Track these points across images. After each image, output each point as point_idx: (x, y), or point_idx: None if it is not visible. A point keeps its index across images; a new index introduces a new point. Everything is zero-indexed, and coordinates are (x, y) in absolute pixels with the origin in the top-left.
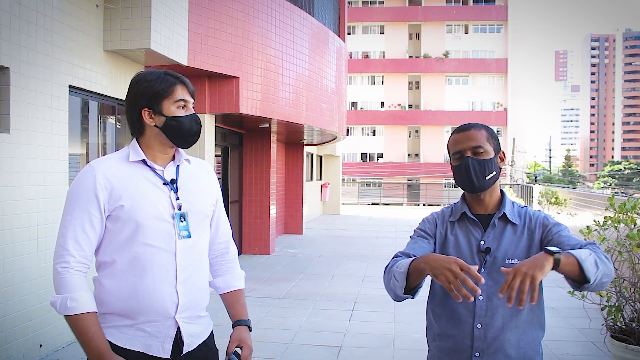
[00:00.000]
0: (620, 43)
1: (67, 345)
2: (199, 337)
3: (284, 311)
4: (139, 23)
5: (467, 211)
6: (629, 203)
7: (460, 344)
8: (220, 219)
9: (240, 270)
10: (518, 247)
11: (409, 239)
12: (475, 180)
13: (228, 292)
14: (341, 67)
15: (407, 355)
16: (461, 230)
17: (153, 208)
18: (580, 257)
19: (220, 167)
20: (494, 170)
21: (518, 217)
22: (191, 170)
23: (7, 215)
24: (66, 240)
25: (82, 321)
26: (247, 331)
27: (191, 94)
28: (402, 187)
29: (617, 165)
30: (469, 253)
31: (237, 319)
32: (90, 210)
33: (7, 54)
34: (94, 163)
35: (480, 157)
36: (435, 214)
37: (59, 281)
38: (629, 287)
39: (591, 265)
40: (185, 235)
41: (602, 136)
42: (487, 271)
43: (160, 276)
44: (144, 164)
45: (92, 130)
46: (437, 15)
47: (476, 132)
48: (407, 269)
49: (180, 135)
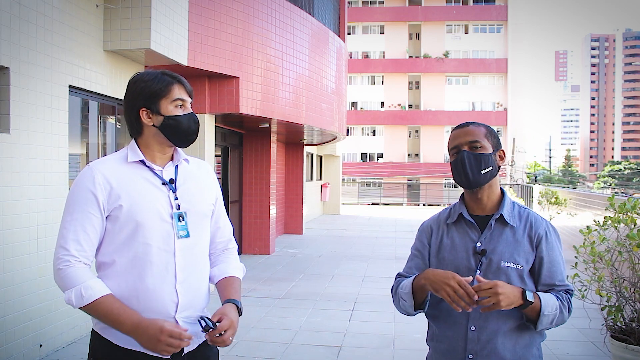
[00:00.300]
0: (620, 43)
1: (67, 345)
2: (199, 337)
3: (284, 311)
4: (139, 23)
5: (465, 212)
6: (629, 203)
7: (454, 345)
8: (220, 219)
9: (239, 263)
10: (516, 251)
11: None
12: (470, 174)
13: (222, 278)
14: (341, 67)
15: (407, 355)
16: (458, 232)
17: (152, 208)
18: (543, 312)
19: (220, 167)
20: (491, 165)
21: (518, 219)
22: (190, 170)
23: (7, 215)
24: (67, 241)
25: (103, 304)
26: (234, 308)
27: (189, 94)
28: (402, 187)
29: (617, 165)
30: (465, 255)
31: (227, 299)
32: (90, 210)
33: (7, 54)
34: (93, 164)
35: (476, 152)
36: (431, 220)
37: (64, 277)
38: (629, 287)
39: (546, 321)
40: (184, 235)
41: (602, 136)
42: (482, 273)
43: (159, 276)
44: (143, 164)
45: (92, 130)
46: (437, 15)
47: (474, 128)
48: (410, 289)
49: (178, 134)
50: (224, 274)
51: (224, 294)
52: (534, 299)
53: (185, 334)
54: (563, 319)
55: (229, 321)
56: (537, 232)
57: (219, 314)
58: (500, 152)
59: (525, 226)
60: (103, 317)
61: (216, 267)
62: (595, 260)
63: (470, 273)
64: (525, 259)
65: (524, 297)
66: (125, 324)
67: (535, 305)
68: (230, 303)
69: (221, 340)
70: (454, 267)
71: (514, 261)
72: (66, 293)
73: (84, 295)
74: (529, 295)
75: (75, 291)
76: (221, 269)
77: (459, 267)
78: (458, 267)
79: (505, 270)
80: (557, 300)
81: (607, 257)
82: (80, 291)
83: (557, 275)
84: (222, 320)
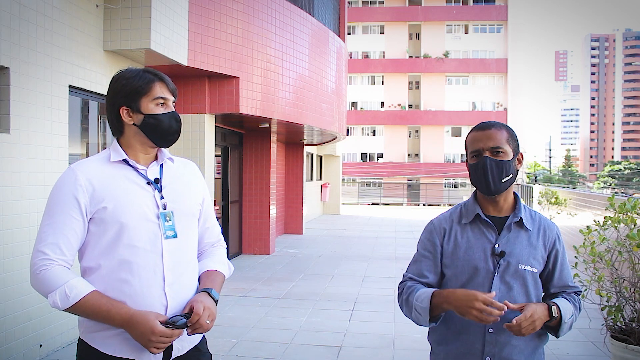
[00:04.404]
0: (620, 43)
1: (67, 345)
2: (189, 342)
3: (284, 311)
4: (139, 23)
5: (481, 213)
6: (629, 203)
7: (471, 347)
8: (208, 219)
9: (225, 259)
10: (532, 254)
11: (415, 252)
12: (492, 183)
13: (202, 273)
14: (341, 67)
15: (407, 355)
16: (474, 233)
17: (137, 208)
18: (564, 320)
19: (220, 167)
20: (511, 173)
21: (532, 222)
22: (175, 169)
23: (7, 215)
24: (45, 245)
25: (90, 301)
26: (204, 294)
27: (171, 92)
28: (402, 187)
29: (617, 165)
30: (482, 256)
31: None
32: (71, 213)
33: (7, 54)
34: (74, 165)
35: (498, 158)
36: (442, 219)
37: (44, 280)
38: (629, 287)
39: (567, 328)
40: (171, 235)
41: (602, 136)
42: (499, 275)
43: (147, 278)
44: (126, 164)
45: (92, 130)
46: (437, 15)
47: (497, 132)
48: (428, 305)
49: (159, 133)
50: (204, 269)
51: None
52: (556, 313)
53: (176, 332)
54: (576, 317)
55: (200, 305)
56: (550, 237)
57: (188, 305)
58: (519, 156)
59: (539, 230)
60: (92, 315)
61: (200, 262)
62: (595, 260)
63: (489, 274)
64: (538, 262)
65: (550, 313)
66: (116, 319)
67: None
68: (201, 292)
69: (199, 326)
70: (471, 268)
71: (531, 264)
72: (50, 296)
73: (69, 295)
74: (554, 311)
75: (59, 292)
76: (203, 264)
77: (477, 268)
78: (476, 268)
79: (523, 273)
80: (570, 304)
81: (607, 257)
82: (64, 292)
83: (568, 278)
84: (194, 306)
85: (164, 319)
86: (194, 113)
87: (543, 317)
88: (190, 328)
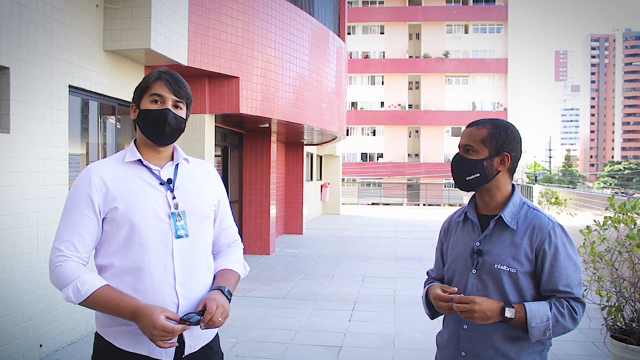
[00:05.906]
0: (620, 43)
1: (67, 345)
2: (202, 339)
3: (284, 311)
4: (139, 23)
5: (469, 211)
6: (629, 203)
7: (450, 341)
8: (225, 220)
9: (241, 259)
10: (512, 255)
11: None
12: (456, 179)
13: (216, 272)
14: (341, 67)
15: (407, 355)
16: (463, 231)
17: (148, 208)
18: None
19: (220, 167)
20: (478, 172)
21: (522, 221)
22: (190, 170)
23: (7, 215)
24: (61, 243)
25: (100, 296)
26: (218, 292)
27: (173, 92)
28: (402, 187)
29: (617, 165)
30: (465, 253)
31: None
32: (85, 212)
33: (7, 54)
34: (91, 166)
35: (466, 156)
36: (449, 218)
37: (59, 276)
38: (629, 287)
39: (538, 332)
40: (182, 235)
41: (602, 136)
42: (477, 273)
43: (158, 277)
44: (140, 164)
45: (92, 131)
46: (437, 15)
47: (475, 130)
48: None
49: (149, 129)
50: (219, 267)
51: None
52: (514, 315)
53: (178, 327)
54: (565, 328)
55: (213, 302)
56: (538, 237)
57: (201, 302)
58: (502, 157)
59: (527, 230)
60: (103, 309)
61: (215, 261)
62: (595, 260)
63: (467, 271)
64: (521, 263)
65: (502, 313)
66: (124, 312)
67: (520, 318)
68: (215, 290)
69: (212, 323)
70: (456, 264)
71: (507, 264)
72: (64, 291)
73: (81, 289)
74: (508, 312)
75: (72, 287)
76: (218, 263)
77: (459, 265)
78: (458, 265)
79: (498, 273)
80: (550, 309)
81: (607, 257)
82: (76, 286)
83: (560, 281)
84: (207, 304)
85: (170, 314)
86: (194, 113)
87: (489, 313)
88: (204, 325)
